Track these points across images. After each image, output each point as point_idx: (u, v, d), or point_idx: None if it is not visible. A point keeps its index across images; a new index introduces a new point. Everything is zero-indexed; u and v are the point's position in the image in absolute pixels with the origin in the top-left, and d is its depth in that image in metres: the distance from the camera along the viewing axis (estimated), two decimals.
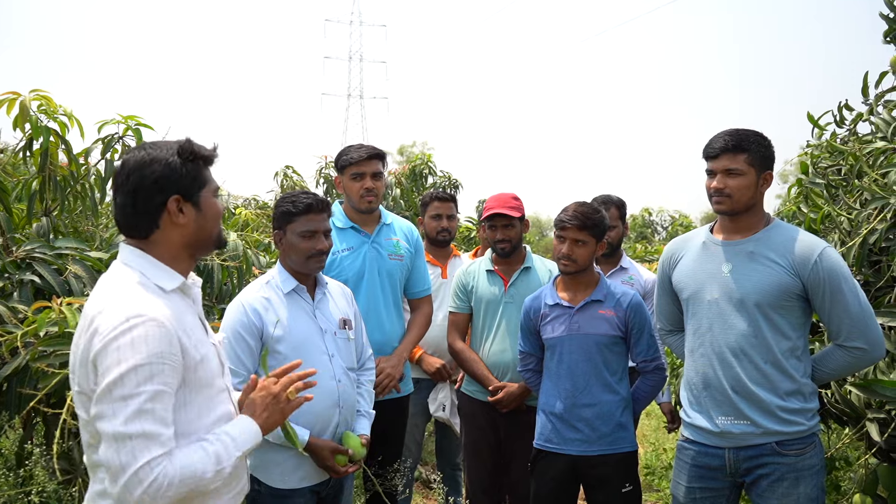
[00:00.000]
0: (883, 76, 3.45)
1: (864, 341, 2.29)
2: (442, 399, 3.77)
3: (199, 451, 1.58)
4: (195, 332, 1.66)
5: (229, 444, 1.63)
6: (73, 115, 3.15)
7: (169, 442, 1.52)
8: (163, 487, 1.48)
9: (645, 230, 15.55)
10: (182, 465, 1.52)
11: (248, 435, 1.70)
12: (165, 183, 1.65)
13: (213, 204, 1.73)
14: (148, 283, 1.63)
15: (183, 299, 1.70)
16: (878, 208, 2.72)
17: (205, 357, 1.66)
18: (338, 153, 3.25)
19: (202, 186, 1.70)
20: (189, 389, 1.62)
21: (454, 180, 7.59)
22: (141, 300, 1.57)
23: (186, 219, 1.68)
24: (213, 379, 1.70)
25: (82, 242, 3.04)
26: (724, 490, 2.45)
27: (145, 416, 1.48)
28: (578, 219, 2.80)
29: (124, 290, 1.60)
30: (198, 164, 1.69)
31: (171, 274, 1.67)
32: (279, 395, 1.78)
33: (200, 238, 1.72)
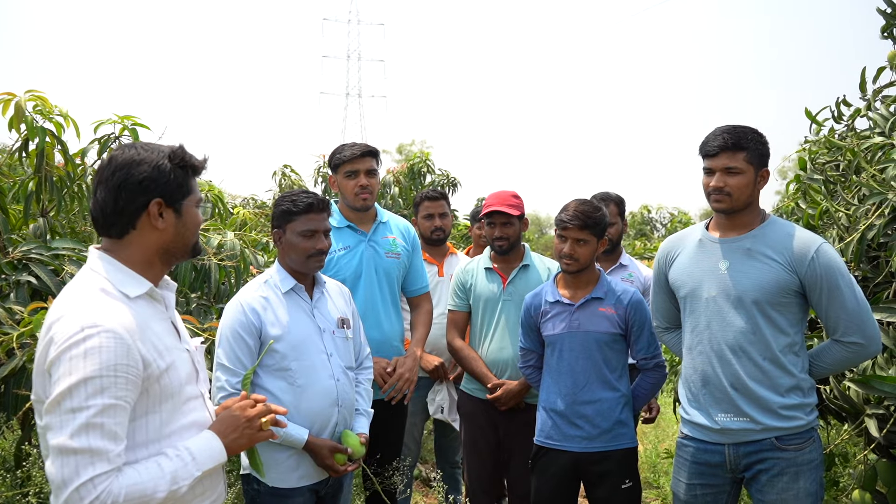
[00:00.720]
0: (881, 71, 3.45)
1: (860, 336, 2.29)
2: (440, 401, 3.77)
3: (152, 468, 1.52)
4: (162, 340, 1.62)
5: (188, 463, 1.58)
6: (68, 116, 3.15)
7: (117, 459, 1.46)
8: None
9: (644, 227, 15.54)
10: (129, 484, 1.46)
11: (210, 453, 1.63)
12: (150, 185, 1.62)
13: (194, 214, 1.71)
14: (111, 289, 1.58)
15: (151, 305, 1.66)
16: (876, 204, 2.72)
17: (171, 365, 1.62)
18: (331, 152, 3.24)
19: (186, 195, 1.68)
20: (151, 400, 1.57)
21: (452, 178, 7.58)
22: (99, 309, 1.52)
23: (165, 224, 1.65)
24: (181, 387, 1.65)
25: (79, 243, 3.04)
26: (724, 486, 2.45)
27: (93, 431, 1.43)
28: (580, 218, 2.80)
29: (84, 297, 1.55)
30: (186, 172, 1.68)
31: (137, 280, 1.63)
32: (253, 420, 1.73)
33: (176, 245, 1.69)
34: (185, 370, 1.67)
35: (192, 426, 1.67)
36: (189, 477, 1.56)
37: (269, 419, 1.76)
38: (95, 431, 1.43)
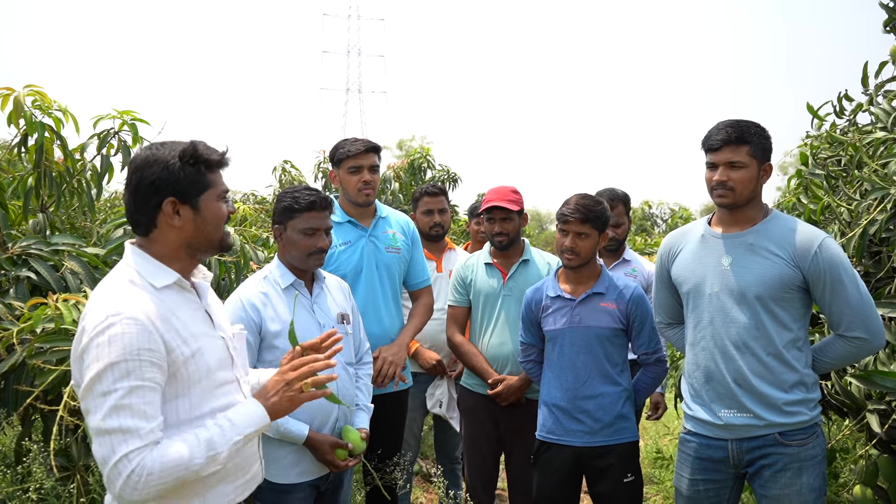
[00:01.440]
0: (883, 66, 3.44)
1: (864, 331, 2.28)
2: (439, 396, 3.76)
3: (188, 438, 1.59)
4: (188, 327, 1.68)
5: (227, 429, 1.64)
6: (67, 111, 3.14)
7: (149, 435, 1.54)
8: (142, 479, 1.51)
9: (645, 223, 15.51)
10: (163, 455, 1.54)
11: (251, 418, 1.69)
12: (161, 185, 1.67)
13: (215, 208, 1.74)
14: (139, 280, 1.66)
15: (180, 294, 1.72)
16: (878, 199, 2.71)
17: (199, 351, 1.67)
18: (333, 147, 3.23)
19: (203, 190, 1.71)
20: (180, 384, 1.64)
21: (453, 174, 7.56)
22: (123, 298, 1.60)
23: (182, 221, 1.70)
24: (209, 372, 1.70)
25: (79, 238, 3.03)
26: (727, 481, 2.45)
27: (123, 412, 1.52)
28: (581, 212, 2.79)
29: (112, 288, 1.64)
30: (199, 168, 1.70)
31: (165, 271, 1.70)
32: (292, 382, 1.76)
33: (199, 240, 1.74)
34: (216, 356, 1.73)
35: (224, 409, 1.72)
36: (227, 442, 1.63)
37: (311, 381, 1.78)
38: (125, 412, 1.52)
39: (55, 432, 2.27)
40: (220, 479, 1.71)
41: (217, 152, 1.75)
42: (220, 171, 1.77)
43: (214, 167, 1.74)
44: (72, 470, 2.50)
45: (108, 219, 3.35)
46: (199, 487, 1.67)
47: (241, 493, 1.79)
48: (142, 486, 1.51)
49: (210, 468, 1.61)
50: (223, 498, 1.73)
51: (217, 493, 1.72)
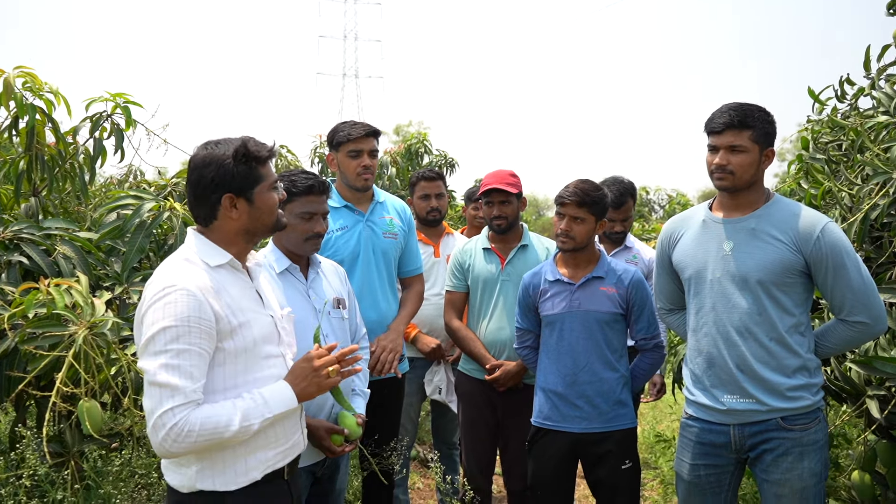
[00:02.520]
0: (885, 49, 3.39)
1: (866, 315, 2.27)
2: (437, 382, 3.75)
3: (227, 405, 1.77)
4: (238, 302, 1.86)
5: (260, 405, 1.81)
6: (59, 93, 3.09)
7: (193, 394, 1.72)
8: (183, 433, 1.68)
9: (642, 209, 15.47)
10: (205, 416, 1.72)
11: (282, 399, 1.87)
12: (219, 182, 1.86)
13: (267, 198, 1.92)
14: (196, 259, 1.86)
15: (232, 274, 1.91)
16: (879, 183, 2.68)
17: (246, 324, 1.85)
18: (332, 129, 3.18)
19: (256, 183, 1.89)
20: (225, 352, 1.82)
21: (450, 159, 7.53)
22: (179, 273, 1.80)
23: (240, 213, 1.89)
24: (255, 344, 1.87)
25: (71, 223, 3.00)
26: (728, 466, 2.44)
27: (171, 370, 1.70)
28: (578, 195, 2.76)
29: (171, 264, 1.85)
30: (251, 165, 1.88)
31: (219, 252, 1.89)
32: (319, 370, 1.93)
33: (255, 227, 1.93)
34: (262, 330, 1.91)
35: (268, 380, 1.91)
36: (259, 416, 1.80)
37: (335, 368, 1.95)
38: (174, 371, 1.70)
39: (47, 418, 2.25)
40: (262, 445, 1.88)
41: (266, 147, 1.92)
42: (268, 163, 1.94)
43: (265, 161, 1.91)
44: (66, 456, 2.48)
45: (102, 203, 3.31)
46: (243, 451, 1.84)
47: (281, 460, 1.95)
48: (181, 440, 1.69)
49: (240, 437, 1.77)
50: (263, 463, 1.89)
51: (258, 459, 1.88)
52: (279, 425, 1.93)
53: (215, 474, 1.82)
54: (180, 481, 1.84)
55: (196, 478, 1.81)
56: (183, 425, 1.69)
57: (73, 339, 2.28)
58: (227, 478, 1.83)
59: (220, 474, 1.82)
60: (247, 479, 1.86)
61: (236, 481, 1.84)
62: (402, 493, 3.93)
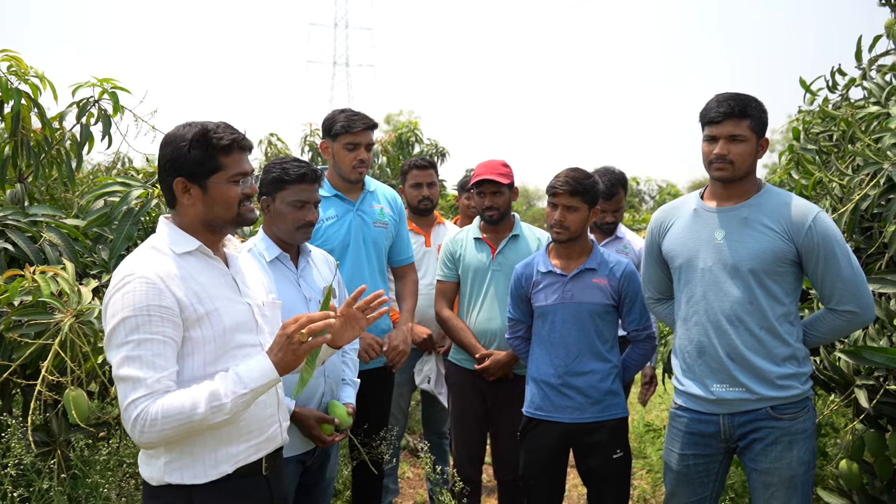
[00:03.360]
0: (877, 40, 3.39)
1: (855, 305, 2.28)
2: (427, 371, 3.74)
3: (193, 388, 1.70)
4: (209, 290, 1.80)
5: (232, 381, 1.72)
6: (45, 77, 3.05)
7: (156, 384, 1.66)
8: (147, 423, 1.64)
9: (632, 199, 15.49)
10: (167, 403, 1.65)
11: (258, 372, 1.74)
12: (172, 165, 1.81)
13: (224, 190, 1.82)
14: (162, 246, 1.80)
15: (202, 261, 1.84)
16: (870, 174, 2.68)
17: (214, 311, 1.78)
18: (328, 117, 3.14)
19: (212, 172, 1.80)
20: (193, 341, 1.76)
21: (441, 148, 7.50)
22: (141, 261, 1.75)
23: (193, 200, 1.82)
24: (225, 332, 1.80)
25: (58, 209, 2.96)
26: (716, 456, 2.45)
27: (132, 362, 1.66)
28: (570, 184, 2.75)
29: (137, 252, 1.81)
30: (208, 151, 1.79)
31: (187, 239, 1.82)
32: (292, 335, 1.77)
33: (210, 218, 1.84)
34: (234, 319, 1.83)
35: None
36: (231, 393, 1.70)
37: (307, 331, 1.76)
38: (135, 362, 1.67)
39: (32, 407, 2.22)
40: (233, 437, 1.81)
41: (228, 136, 1.81)
42: (237, 153, 1.83)
43: (226, 150, 1.81)
44: (52, 445, 2.46)
45: (89, 190, 3.27)
46: (212, 443, 1.77)
47: (255, 453, 1.86)
48: (147, 430, 1.64)
49: (216, 417, 1.69)
50: (234, 457, 1.82)
51: (228, 452, 1.81)
52: (252, 417, 1.85)
53: (183, 466, 1.77)
54: (150, 473, 1.79)
55: (164, 470, 1.76)
56: (144, 416, 1.64)
57: (60, 327, 2.25)
58: (196, 470, 1.77)
59: (189, 467, 1.77)
60: (217, 473, 1.79)
61: (206, 474, 1.78)
62: (392, 482, 3.94)
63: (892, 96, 3.00)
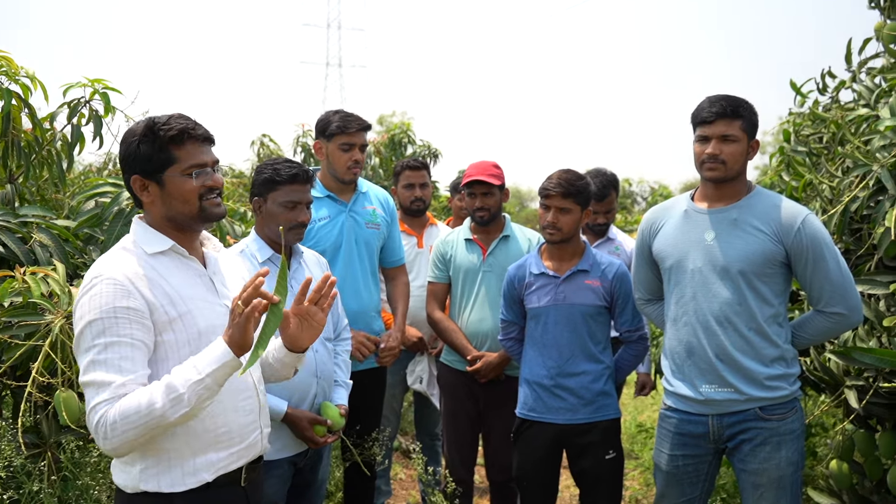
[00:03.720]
0: (867, 42, 3.42)
1: (843, 307, 2.30)
2: (419, 372, 3.74)
3: (150, 386, 1.62)
4: (182, 291, 1.73)
5: (187, 368, 1.62)
6: (35, 78, 3.03)
7: (120, 388, 1.60)
8: (107, 429, 1.58)
9: (625, 200, 15.52)
10: (122, 405, 1.59)
11: (211, 357, 1.62)
12: (125, 162, 1.76)
13: (180, 184, 1.73)
14: (132, 246, 1.75)
15: (175, 261, 1.78)
16: (860, 176, 2.70)
17: (187, 313, 1.72)
18: (323, 117, 3.14)
19: (166, 166, 1.72)
20: (166, 345, 1.70)
21: (434, 150, 7.49)
22: (110, 262, 1.70)
23: (152, 197, 1.76)
24: (203, 337, 1.73)
25: (49, 210, 2.94)
26: (706, 456, 2.46)
27: (97, 366, 1.61)
28: (563, 186, 2.76)
29: (108, 253, 1.75)
30: (158, 144, 1.71)
31: (160, 239, 1.76)
32: (234, 310, 1.64)
33: (172, 214, 1.77)
34: (210, 321, 1.76)
35: None
36: (187, 381, 1.60)
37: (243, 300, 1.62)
38: (101, 366, 1.61)
39: (23, 408, 2.21)
40: (211, 444, 1.73)
41: (177, 127, 1.71)
42: (190, 144, 1.73)
43: (176, 141, 1.72)
44: (42, 447, 2.44)
45: (80, 191, 3.25)
46: (187, 452, 1.70)
47: (235, 461, 1.79)
48: (109, 435, 1.58)
49: (176, 410, 1.58)
50: (214, 465, 1.75)
51: (207, 460, 1.73)
52: (232, 423, 1.77)
53: (160, 473, 1.69)
54: (125, 480, 1.72)
55: (140, 477, 1.69)
56: (104, 421, 1.58)
57: (50, 328, 2.24)
58: (174, 478, 1.70)
59: (165, 473, 1.70)
60: (195, 481, 1.72)
61: (184, 482, 1.70)
62: (385, 483, 3.94)
63: (881, 99, 3.02)
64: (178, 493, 1.70)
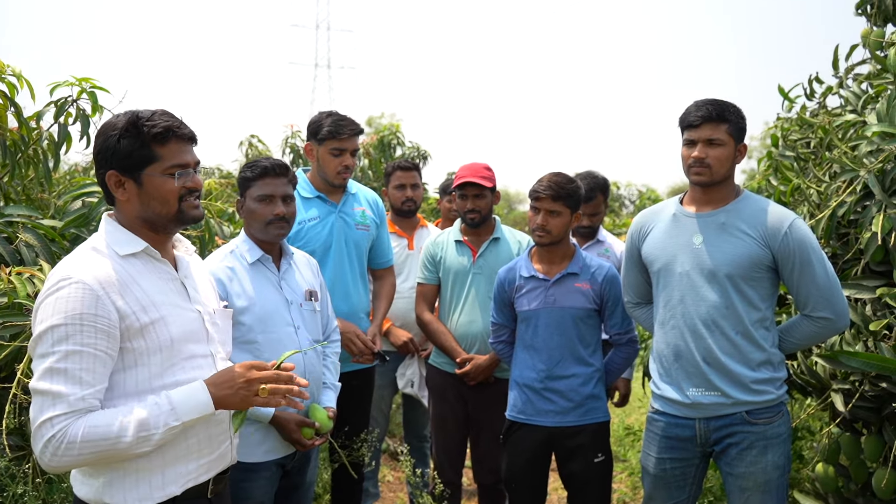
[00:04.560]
0: (854, 49, 3.45)
1: (830, 311, 2.31)
2: (410, 375, 3.74)
3: (122, 411, 1.55)
4: (153, 296, 1.66)
5: (165, 411, 1.58)
6: (22, 76, 3.00)
7: (79, 402, 1.51)
8: (62, 446, 1.48)
9: (613, 203, 15.59)
10: (91, 425, 1.50)
11: (194, 404, 1.61)
12: (102, 157, 1.67)
13: (160, 184, 1.67)
14: (103, 247, 1.65)
15: (147, 264, 1.70)
16: (847, 181, 2.72)
17: (160, 320, 1.64)
18: (315, 119, 3.11)
19: (146, 164, 1.66)
20: (136, 353, 1.62)
21: (423, 151, 7.48)
22: (78, 263, 1.60)
23: (128, 195, 1.68)
24: (173, 343, 1.66)
25: (34, 210, 2.91)
26: (693, 460, 2.47)
27: (56, 375, 1.51)
28: (553, 189, 2.76)
29: (75, 253, 1.65)
30: (140, 141, 1.64)
31: (132, 240, 1.68)
32: (252, 383, 1.65)
33: (148, 214, 1.69)
34: (182, 328, 1.69)
35: (192, 382, 1.68)
36: (162, 425, 1.56)
37: (270, 388, 1.66)
38: (59, 376, 1.50)
39: (7, 410, 2.19)
40: (183, 455, 1.67)
41: (162, 124, 1.65)
42: (174, 142, 1.68)
43: (159, 139, 1.66)
44: (27, 449, 2.41)
45: (66, 190, 3.23)
46: (157, 464, 1.63)
47: (205, 472, 1.74)
48: (61, 453, 1.49)
49: (140, 448, 1.55)
50: (184, 477, 1.68)
51: (177, 472, 1.67)
52: (202, 432, 1.71)
53: (126, 488, 1.60)
54: (86, 493, 1.63)
55: (103, 491, 1.60)
56: (61, 437, 1.47)
57: None
58: (141, 492, 1.61)
59: (133, 488, 1.61)
60: (163, 495, 1.64)
61: (151, 496, 1.62)
62: (373, 485, 3.93)
63: (868, 104, 3.05)
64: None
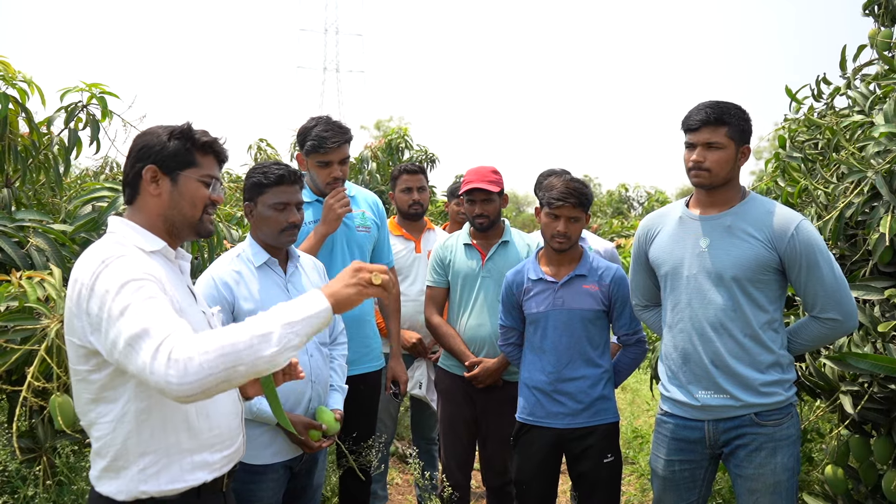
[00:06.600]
0: (861, 49, 3.44)
1: (838, 312, 2.30)
2: (419, 377, 3.74)
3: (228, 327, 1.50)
4: (175, 294, 1.69)
5: (278, 311, 1.51)
6: (33, 82, 3.03)
7: (181, 325, 1.48)
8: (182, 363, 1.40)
9: (621, 206, 15.57)
10: (201, 337, 1.45)
11: (311, 302, 1.53)
12: (147, 152, 1.74)
13: (195, 188, 1.76)
14: (126, 243, 1.68)
15: (167, 264, 1.75)
16: (854, 182, 2.71)
17: (183, 312, 1.66)
18: (302, 129, 3.03)
19: (186, 166, 1.75)
20: None
21: (431, 154, 7.50)
22: (115, 248, 1.63)
23: (160, 190, 1.74)
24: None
25: (45, 215, 2.94)
26: (702, 462, 2.46)
27: (144, 314, 1.48)
28: (574, 196, 2.75)
29: (100, 245, 1.67)
30: (185, 145, 1.75)
31: (150, 238, 1.73)
32: (362, 271, 1.58)
33: (174, 215, 1.76)
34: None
35: None
36: (278, 322, 1.47)
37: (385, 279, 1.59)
38: (150, 311, 1.49)
39: (18, 413, 2.21)
40: (206, 445, 1.72)
41: (209, 136, 1.79)
42: (212, 157, 1.80)
43: (203, 149, 1.78)
44: (38, 452, 2.44)
45: (77, 195, 3.25)
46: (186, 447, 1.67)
47: (224, 466, 1.79)
48: (191, 370, 1.40)
49: (262, 349, 1.44)
50: (210, 465, 1.73)
51: (203, 460, 1.72)
52: (224, 425, 1.76)
53: (160, 471, 1.64)
54: (118, 487, 1.64)
55: (139, 478, 1.63)
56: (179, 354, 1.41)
57: (46, 332, 2.24)
58: (173, 474, 1.65)
59: (165, 471, 1.64)
60: (193, 479, 1.69)
61: (182, 478, 1.66)
62: (381, 488, 3.93)
63: (875, 105, 3.04)
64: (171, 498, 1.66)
